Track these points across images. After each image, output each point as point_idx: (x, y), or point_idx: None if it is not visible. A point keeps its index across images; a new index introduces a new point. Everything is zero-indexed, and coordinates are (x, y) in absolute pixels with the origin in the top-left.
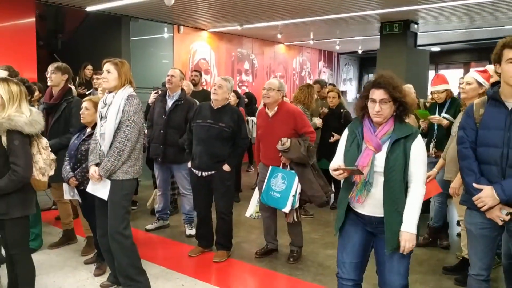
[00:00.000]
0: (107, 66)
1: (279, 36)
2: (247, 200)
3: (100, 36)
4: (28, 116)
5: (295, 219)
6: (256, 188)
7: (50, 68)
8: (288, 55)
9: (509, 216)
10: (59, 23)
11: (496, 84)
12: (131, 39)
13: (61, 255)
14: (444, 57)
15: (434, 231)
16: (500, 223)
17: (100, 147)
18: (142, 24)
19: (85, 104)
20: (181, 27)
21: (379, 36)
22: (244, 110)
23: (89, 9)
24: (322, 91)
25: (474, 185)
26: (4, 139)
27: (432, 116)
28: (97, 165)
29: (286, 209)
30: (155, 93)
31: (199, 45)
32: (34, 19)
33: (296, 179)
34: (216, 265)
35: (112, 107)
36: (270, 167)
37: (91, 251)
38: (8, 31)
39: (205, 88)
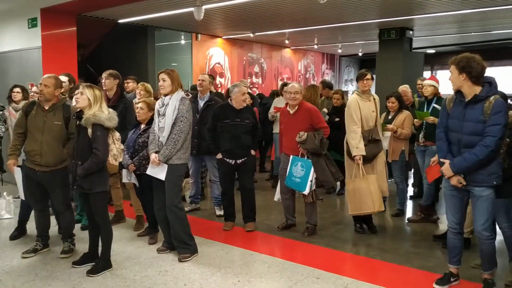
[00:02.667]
0: (162, 76)
1: (286, 41)
2: (262, 189)
3: (127, 44)
4: (107, 114)
5: (312, 199)
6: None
7: (104, 74)
8: (294, 59)
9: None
10: (88, 33)
11: None
12: (156, 44)
13: (117, 231)
14: (439, 58)
15: (424, 209)
16: (460, 186)
17: (159, 138)
18: (164, 32)
19: (140, 105)
20: (199, 35)
21: (378, 41)
22: (258, 109)
23: (121, 21)
24: (327, 92)
25: (441, 160)
26: (89, 131)
27: (430, 118)
28: (156, 152)
29: (306, 192)
30: (187, 95)
31: (214, 50)
32: (75, 28)
33: (312, 166)
34: (246, 235)
35: (169, 106)
36: (291, 156)
37: (142, 227)
38: (53, 41)
39: (219, 90)
